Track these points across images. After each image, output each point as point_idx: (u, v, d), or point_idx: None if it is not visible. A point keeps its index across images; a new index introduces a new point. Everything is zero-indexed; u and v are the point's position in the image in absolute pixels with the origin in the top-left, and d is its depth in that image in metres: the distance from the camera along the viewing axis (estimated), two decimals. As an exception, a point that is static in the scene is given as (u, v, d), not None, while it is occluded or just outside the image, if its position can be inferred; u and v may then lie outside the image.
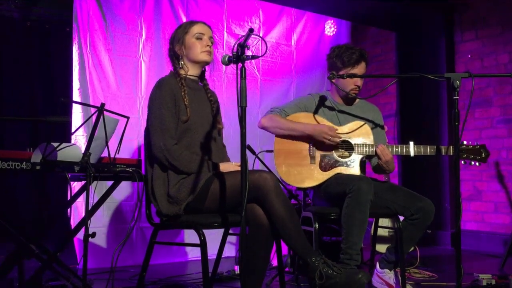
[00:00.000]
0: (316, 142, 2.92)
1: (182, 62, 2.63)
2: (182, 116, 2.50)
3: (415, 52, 5.33)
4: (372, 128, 3.03)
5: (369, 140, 2.95)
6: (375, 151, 2.87)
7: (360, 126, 2.97)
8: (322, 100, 3.07)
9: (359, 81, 2.98)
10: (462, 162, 2.87)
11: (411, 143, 2.89)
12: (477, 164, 2.86)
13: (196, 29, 2.60)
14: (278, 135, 2.99)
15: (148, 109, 2.54)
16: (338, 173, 2.90)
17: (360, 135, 2.96)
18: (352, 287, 2.25)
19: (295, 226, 2.33)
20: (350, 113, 3.06)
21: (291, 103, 3.12)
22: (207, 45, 2.59)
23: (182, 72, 2.62)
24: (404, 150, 2.88)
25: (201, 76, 2.73)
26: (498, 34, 4.81)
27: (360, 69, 2.97)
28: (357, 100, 3.17)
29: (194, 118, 2.54)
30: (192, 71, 2.65)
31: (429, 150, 2.88)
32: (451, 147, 2.86)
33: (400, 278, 2.93)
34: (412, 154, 2.88)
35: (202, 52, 2.59)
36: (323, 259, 2.32)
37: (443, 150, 2.87)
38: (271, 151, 3.02)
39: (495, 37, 4.83)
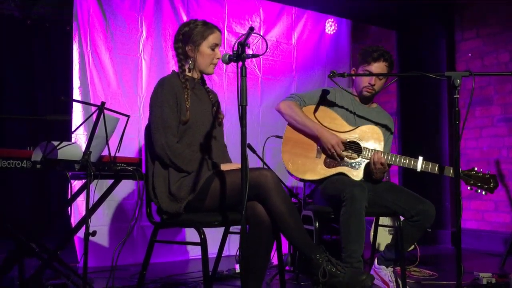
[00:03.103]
0: (322, 146, 2.92)
1: (190, 63, 2.62)
2: (182, 116, 2.50)
3: (415, 51, 5.33)
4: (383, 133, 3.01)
5: (380, 146, 2.91)
6: (372, 156, 2.85)
7: (374, 131, 2.94)
8: (342, 96, 3.06)
9: (373, 80, 2.96)
10: (468, 188, 2.78)
11: (420, 158, 2.81)
12: (483, 193, 2.77)
13: (214, 38, 2.59)
14: (290, 125, 2.98)
15: (149, 107, 2.54)
16: (339, 173, 2.88)
17: (371, 139, 2.92)
18: (356, 287, 2.25)
19: (296, 223, 2.33)
20: (367, 115, 3.05)
21: (312, 93, 3.09)
22: (217, 58, 2.60)
23: (188, 73, 2.63)
24: (412, 164, 2.82)
25: (202, 78, 2.75)
26: (498, 33, 4.81)
27: (376, 68, 2.94)
28: (375, 104, 3.16)
29: (195, 117, 2.54)
30: (195, 74, 2.66)
31: (437, 168, 2.79)
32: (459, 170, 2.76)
33: (397, 276, 2.94)
34: (419, 169, 2.81)
35: (211, 65, 2.61)
36: (327, 256, 2.31)
37: (450, 172, 2.76)
38: (281, 137, 3.01)
39: (495, 35, 4.83)
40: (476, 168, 2.81)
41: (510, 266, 3.77)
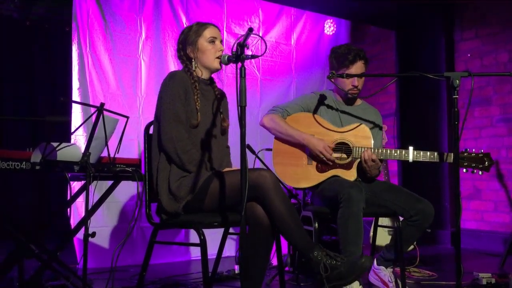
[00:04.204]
0: (310, 153, 2.92)
1: (195, 65, 2.60)
2: (192, 120, 2.49)
3: (414, 51, 5.33)
4: (371, 129, 3.02)
5: (369, 143, 2.91)
6: (362, 155, 2.84)
7: (361, 129, 2.94)
8: (325, 99, 3.06)
9: (356, 81, 2.95)
10: (464, 170, 2.73)
11: (411, 148, 2.80)
12: (479, 173, 2.73)
13: (209, 32, 2.58)
14: (277, 138, 2.98)
15: (159, 99, 2.50)
16: (334, 175, 2.89)
17: (360, 138, 2.92)
18: (356, 272, 2.26)
19: (295, 223, 2.32)
20: (352, 113, 3.05)
21: (293, 102, 3.11)
22: (220, 50, 2.58)
23: (194, 74, 2.61)
24: (403, 155, 2.82)
25: (211, 78, 2.73)
26: (497, 33, 4.81)
27: (355, 69, 2.93)
28: (360, 101, 3.16)
29: (202, 118, 2.54)
30: (203, 74, 2.64)
31: (428, 155, 2.79)
32: (451, 154, 2.72)
33: (396, 276, 2.94)
34: (410, 159, 2.79)
35: (215, 59, 2.57)
36: (324, 251, 2.32)
37: (444, 157, 2.76)
38: (271, 149, 3.03)
39: (494, 35, 4.83)
40: (468, 149, 2.79)
41: (509, 266, 3.77)
